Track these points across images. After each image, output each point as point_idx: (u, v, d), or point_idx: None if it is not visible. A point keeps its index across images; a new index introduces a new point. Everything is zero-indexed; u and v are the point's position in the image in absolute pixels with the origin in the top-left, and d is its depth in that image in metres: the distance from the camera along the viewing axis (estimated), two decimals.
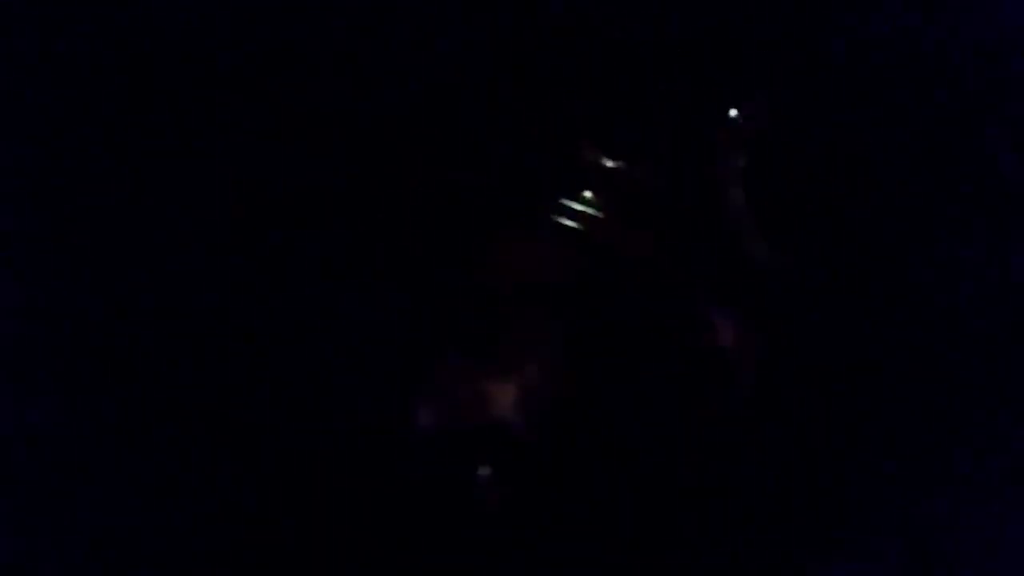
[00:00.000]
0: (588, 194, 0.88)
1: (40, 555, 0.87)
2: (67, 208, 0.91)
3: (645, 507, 0.88)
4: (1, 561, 0.86)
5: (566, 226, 0.88)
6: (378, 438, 0.89)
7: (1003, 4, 0.92)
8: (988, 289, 0.92)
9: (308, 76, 0.91)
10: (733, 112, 0.89)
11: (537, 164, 0.90)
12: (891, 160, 0.91)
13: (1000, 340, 0.91)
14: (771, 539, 0.89)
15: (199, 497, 0.89)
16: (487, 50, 0.91)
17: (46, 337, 0.90)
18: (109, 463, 0.89)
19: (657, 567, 0.88)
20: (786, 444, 0.90)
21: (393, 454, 0.88)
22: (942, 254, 0.92)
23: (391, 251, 0.91)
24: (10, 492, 0.87)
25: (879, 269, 0.92)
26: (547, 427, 0.87)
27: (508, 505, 0.87)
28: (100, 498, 0.88)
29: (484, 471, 0.87)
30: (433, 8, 0.91)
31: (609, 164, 0.89)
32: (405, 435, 0.88)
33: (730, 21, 0.90)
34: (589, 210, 0.88)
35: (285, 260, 0.91)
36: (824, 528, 0.90)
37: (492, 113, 0.91)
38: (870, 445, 0.91)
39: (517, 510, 0.88)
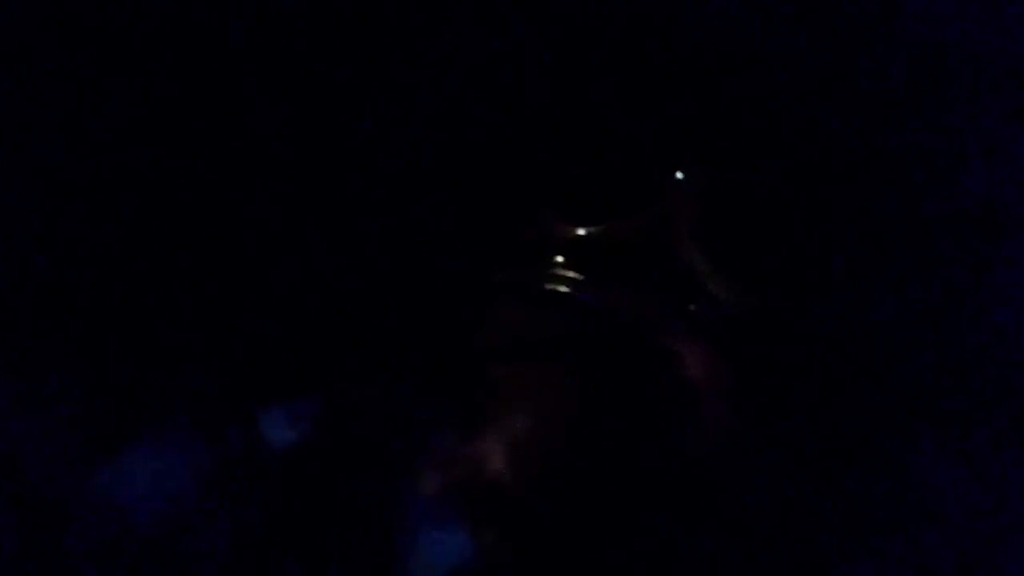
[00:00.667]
0: (560, 259, 0.99)
1: None
2: None
3: (637, 548, 0.95)
4: None
5: (547, 289, 0.98)
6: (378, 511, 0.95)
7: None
8: (944, 319, 1.01)
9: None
10: (679, 175, 0.99)
11: (513, 237, 1.00)
12: (840, 198, 1.01)
13: (962, 368, 1.00)
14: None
15: None
16: (454, 131, 1.02)
17: None
18: None
19: None
20: (763, 474, 0.98)
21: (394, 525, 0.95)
22: (897, 290, 1.01)
23: (384, 325, 0.99)
24: None
25: (835, 302, 1.01)
26: (540, 482, 0.93)
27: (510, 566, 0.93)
28: None
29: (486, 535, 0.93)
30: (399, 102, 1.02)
31: (578, 230, 1.00)
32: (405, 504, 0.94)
33: (677, 91, 1.01)
34: (565, 273, 0.98)
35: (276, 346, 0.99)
36: (802, 562, 0.98)
37: (463, 190, 1.01)
38: (846, 477, 0.99)
39: (519, 568, 0.94)
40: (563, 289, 0.97)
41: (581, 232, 0.99)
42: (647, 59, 1.01)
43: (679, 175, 0.98)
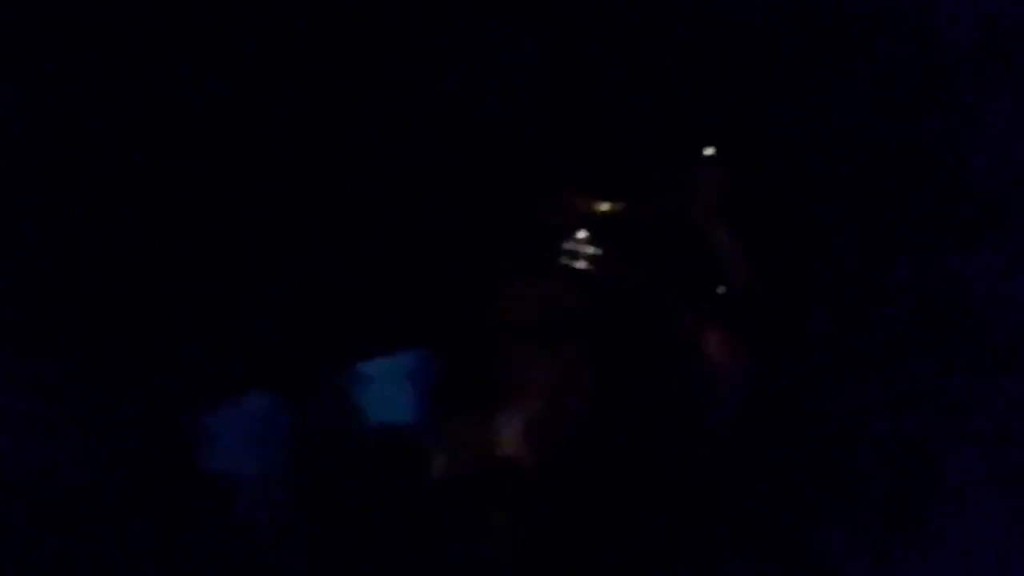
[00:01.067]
0: (583, 235, 0.96)
1: None
2: None
3: (650, 533, 0.93)
4: None
5: (565, 266, 0.96)
6: (395, 490, 0.94)
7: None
8: (966, 305, 0.98)
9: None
10: (709, 151, 0.97)
11: (534, 214, 0.98)
12: (864, 182, 0.99)
13: (981, 353, 0.97)
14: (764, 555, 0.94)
15: None
16: (480, 110, 0.99)
17: None
18: None
19: None
20: (777, 456, 0.95)
21: (410, 503, 0.93)
22: (918, 273, 0.98)
23: (397, 305, 0.98)
24: None
25: (855, 287, 0.98)
26: (552, 461, 0.92)
27: (523, 547, 0.92)
28: None
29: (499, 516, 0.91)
30: (434, 74, 1.00)
31: (601, 207, 0.97)
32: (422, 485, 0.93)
33: (705, 70, 0.99)
34: (586, 250, 0.96)
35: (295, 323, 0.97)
36: (811, 543, 0.95)
37: (490, 168, 0.99)
38: (858, 462, 0.96)
39: (531, 549, 0.92)
40: (583, 266, 0.95)
41: (605, 207, 0.96)
42: (678, 38, 0.99)
43: (709, 151, 0.96)
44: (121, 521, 0.92)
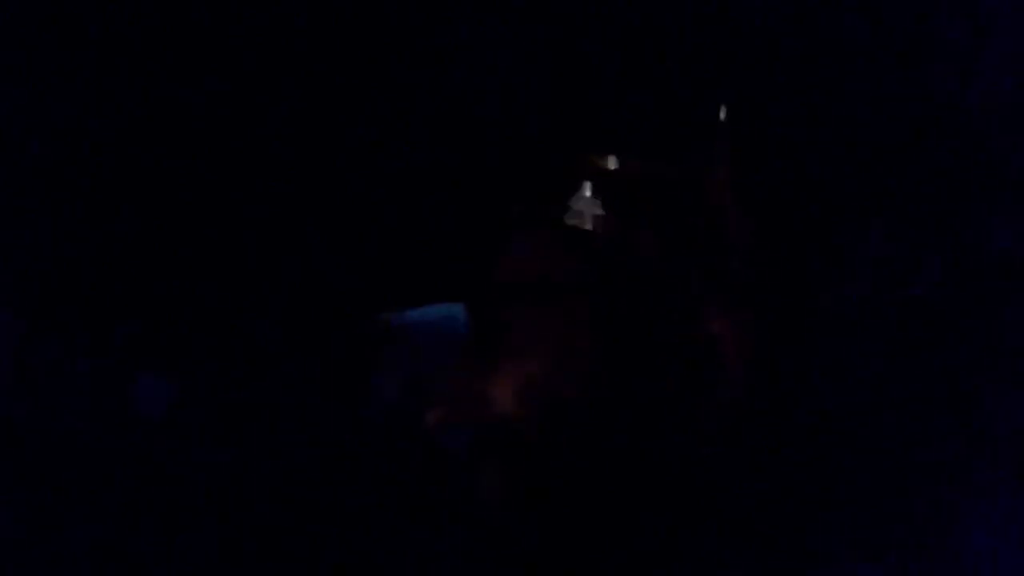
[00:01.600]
0: (588, 194, 0.91)
1: None
2: None
3: (643, 501, 0.89)
4: None
5: (568, 226, 0.91)
6: (382, 438, 0.91)
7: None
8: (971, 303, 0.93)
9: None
10: (722, 112, 0.93)
11: (540, 168, 0.94)
12: (880, 157, 0.94)
13: (989, 330, 0.92)
14: (764, 536, 0.90)
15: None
16: (493, 60, 0.97)
17: None
18: None
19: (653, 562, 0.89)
20: (780, 437, 0.91)
21: (398, 454, 0.91)
22: (931, 248, 0.94)
23: (400, 257, 0.95)
24: None
25: (867, 262, 0.94)
26: (548, 422, 0.89)
27: (510, 501, 0.89)
28: None
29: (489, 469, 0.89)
30: (446, 28, 0.98)
31: (608, 166, 0.92)
32: (410, 434, 0.90)
33: (719, 29, 0.95)
34: (591, 209, 0.91)
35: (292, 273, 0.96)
36: (815, 525, 0.90)
37: (498, 120, 0.97)
38: (864, 440, 0.91)
39: (518, 506, 0.89)
40: (588, 226, 0.91)
41: (612, 165, 0.92)
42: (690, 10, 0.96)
43: (722, 113, 0.92)
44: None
